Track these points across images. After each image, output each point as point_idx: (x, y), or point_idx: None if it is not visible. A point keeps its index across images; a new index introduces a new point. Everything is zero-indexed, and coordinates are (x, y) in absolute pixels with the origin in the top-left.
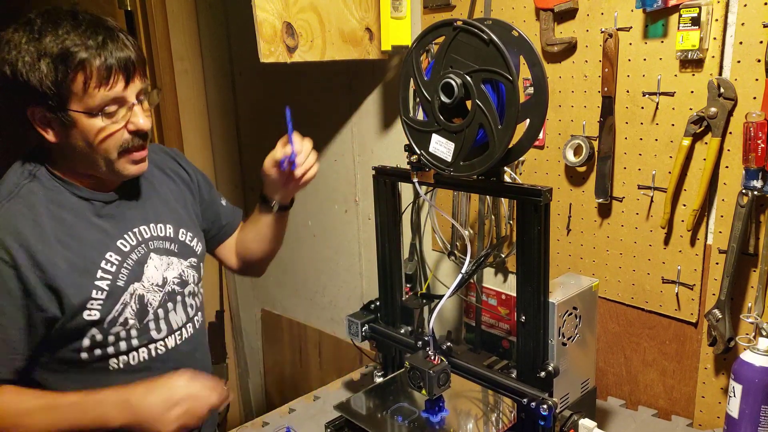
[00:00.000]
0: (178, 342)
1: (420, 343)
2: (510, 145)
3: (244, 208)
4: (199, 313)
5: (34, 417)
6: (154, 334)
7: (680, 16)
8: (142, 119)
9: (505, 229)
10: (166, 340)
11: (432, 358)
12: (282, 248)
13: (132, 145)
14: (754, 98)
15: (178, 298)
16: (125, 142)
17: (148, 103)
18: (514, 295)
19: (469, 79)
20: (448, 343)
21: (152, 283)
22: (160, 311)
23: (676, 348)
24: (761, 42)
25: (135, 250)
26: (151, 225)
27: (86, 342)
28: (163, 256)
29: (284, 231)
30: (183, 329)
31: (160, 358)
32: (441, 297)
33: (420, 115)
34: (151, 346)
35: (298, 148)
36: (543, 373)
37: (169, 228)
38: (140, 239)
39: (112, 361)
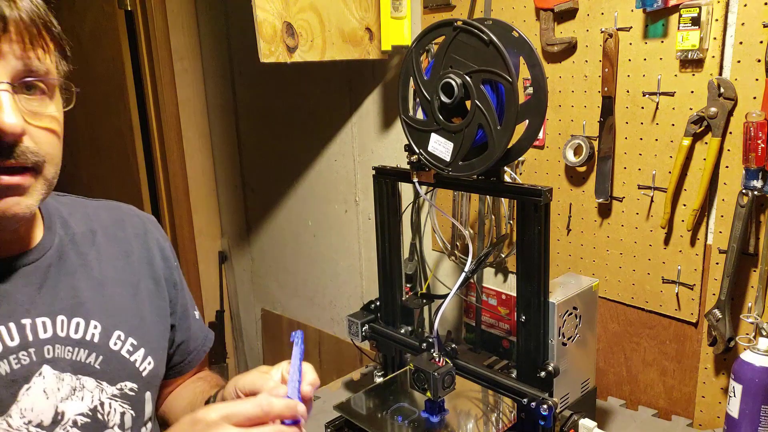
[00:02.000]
0: None
1: (425, 344)
2: (509, 145)
3: (244, 208)
4: None
5: None
6: None
7: (680, 16)
8: (8, 116)
9: (505, 228)
10: None
11: (436, 360)
12: (282, 248)
13: None
14: (754, 98)
15: None
16: None
17: (59, 101)
18: (514, 295)
19: (468, 79)
20: (453, 345)
21: (29, 421)
22: None
23: (676, 348)
24: (761, 42)
25: (11, 358)
26: (59, 318)
27: None
28: (65, 372)
29: None
30: None
31: None
32: (441, 297)
33: (420, 115)
34: None
35: (308, 393)
36: (543, 373)
37: (94, 327)
38: (29, 339)
39: None
